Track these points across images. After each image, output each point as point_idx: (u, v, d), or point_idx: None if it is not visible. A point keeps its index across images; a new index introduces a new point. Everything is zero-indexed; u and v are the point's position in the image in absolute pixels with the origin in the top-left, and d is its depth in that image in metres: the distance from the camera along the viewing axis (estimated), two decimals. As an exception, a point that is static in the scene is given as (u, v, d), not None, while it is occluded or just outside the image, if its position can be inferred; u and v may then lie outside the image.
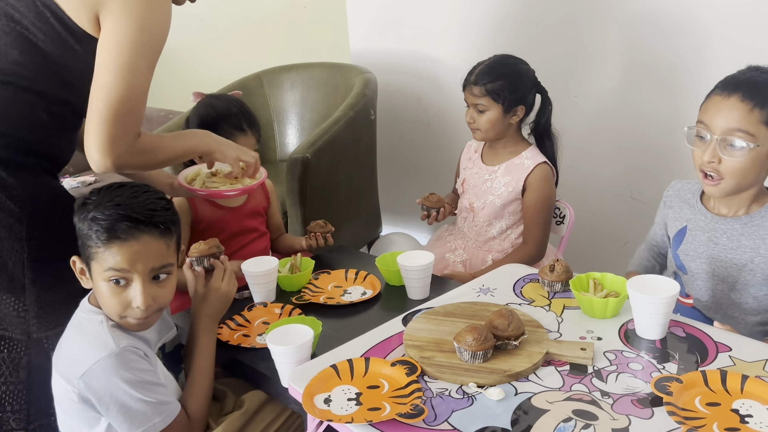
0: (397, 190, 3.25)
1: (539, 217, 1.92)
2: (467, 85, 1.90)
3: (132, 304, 1.16)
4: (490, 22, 2.75)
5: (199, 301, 1.37)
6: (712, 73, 2.22)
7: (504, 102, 1.86)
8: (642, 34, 2.36)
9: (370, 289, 1.64)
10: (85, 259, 1.18)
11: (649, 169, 2.46)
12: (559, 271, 1.44)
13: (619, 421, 1.02)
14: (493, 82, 1.85)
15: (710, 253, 1.43)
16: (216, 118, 1.80)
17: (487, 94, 1.86)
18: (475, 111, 1.89)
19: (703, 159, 1.34)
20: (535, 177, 1.91)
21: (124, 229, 1.13)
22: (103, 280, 1.15)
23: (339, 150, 2.51)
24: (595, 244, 2.65)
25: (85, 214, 1.15)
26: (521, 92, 1.89)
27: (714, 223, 1.43)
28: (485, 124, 1.89)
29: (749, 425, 0.98)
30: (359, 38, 3.28)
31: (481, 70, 1.88)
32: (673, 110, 2.35)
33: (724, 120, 1.31)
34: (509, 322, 1.19)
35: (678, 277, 1.50)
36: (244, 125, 1.80)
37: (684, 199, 1.52)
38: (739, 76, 1.34)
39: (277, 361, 1.28)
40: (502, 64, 1.90)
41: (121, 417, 1.14)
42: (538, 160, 1.92)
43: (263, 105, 3.09)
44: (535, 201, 1.91)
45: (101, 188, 1.20)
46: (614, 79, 2.47)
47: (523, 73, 1.91)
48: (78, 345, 1.18)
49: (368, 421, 1.03)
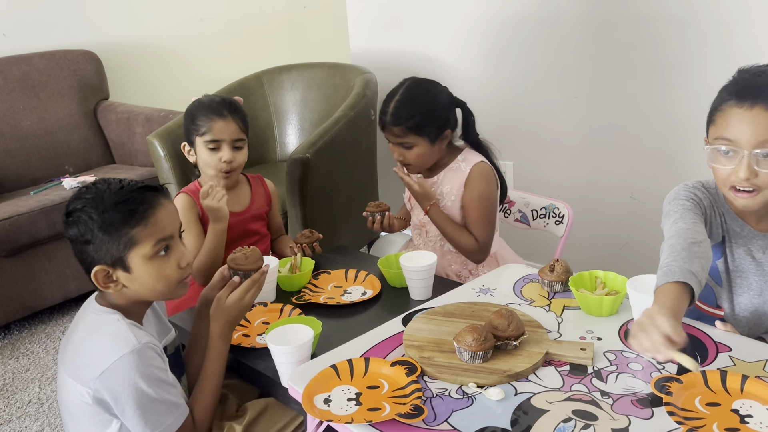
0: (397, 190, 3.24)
1: (478, 212, 1.82)
2: (386, 127, 1.79)
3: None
4: (490, 23, 2.75)
5: (223, 309, 1.32)
6: (710, 73, 2.24)
7: (429, 134, 1.77)
8: (642, 34, 2.36)
9: (370, 289, 1.64)
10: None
11: (649, 169, 2.46)
12: (559, 271, 1.44)
13: (619, 421, 1.02)
14: (412, 118, 1.75)
15: (747, 267, 1.37)
16: (198, 105, 1.82)
17: (409, 132, 1.76)
18: (400, 148, 1.80)
19: (738, 177, 1.23)
20: (471, 176, 1.81)
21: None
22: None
23: (339, 150, 2.51)
24: (595, 244, 2.65)
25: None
26: (443, 118, 1.79)
27: (751, 237, 1.36)
28: (416, 159, 1.80)
29: (749, 425, 0.98)
30: (359, 38, 3.28)
31: (394, 108, 1.77)
32: (673, 110, 2.35)
33: (755, 133, 1.20)
34: (509, 323, 1.19)
35: (708, 288, 1.43)
36: (224, 111, 1.79)
37: (722, 207, 1.40)
38: (752, 82, 1.24)
39: (277, 361, 1.28)
40: (412, 97, 1.78)
41: (137, 416, 1.13)
42: (474, 161, 1.83)
43: (263, 105, 3.09)
44: (471, 197, 1.81)
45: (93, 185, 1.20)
46: (614, 80, 2.47)
47: (438, 98, 1.80)
48: (93, 345, 1.17)
49: (368, 421, 1.03)
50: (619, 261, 2.62)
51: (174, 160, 2.50)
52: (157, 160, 2.53)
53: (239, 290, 1.32)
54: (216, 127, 1.78)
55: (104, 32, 3.22)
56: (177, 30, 3.42)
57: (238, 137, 1.81)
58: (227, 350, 1.32)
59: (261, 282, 1.35)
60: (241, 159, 1.82)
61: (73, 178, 2.80)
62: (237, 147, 1.81)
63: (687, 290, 1.12)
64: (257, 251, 1.38)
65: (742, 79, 1.26)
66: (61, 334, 2.58)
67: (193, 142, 1.82)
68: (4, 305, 2.49)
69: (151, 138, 2.52)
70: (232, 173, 1.82)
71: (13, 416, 2.08)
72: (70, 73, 3.04)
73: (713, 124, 1.27)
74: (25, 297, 2.55)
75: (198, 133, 1.79)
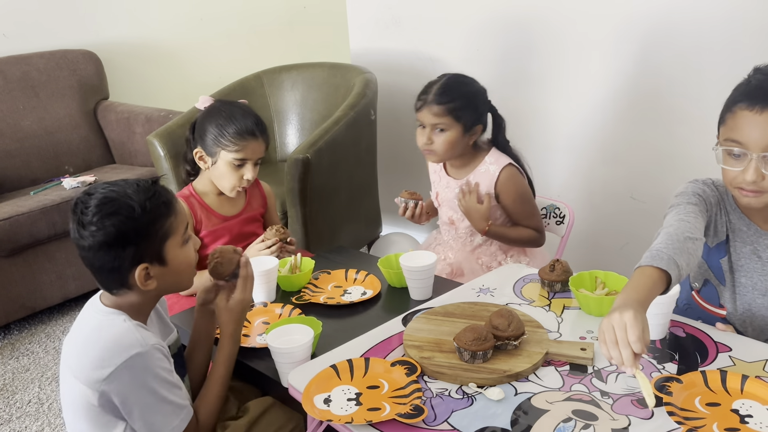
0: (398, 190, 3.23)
1: (524, 207, 1.90)
2: (424, 105, 1.82)
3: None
4: (490, 22, 2.75)
5: (227, 309, 1.33)
6: (710, 74, 2.24)
7: (465, 121, 1.81)
8: (642, 35, 2.36)
9: (370, 289, 1.64)
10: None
11: (649, 169, 2.46)
12: (559, 271, 1.44)
13: (619, 421, 1.02)
14: (453, 101, 1.79)
15: (753, 266, 1.37)
16: (229, 118, 1.75)
17: (448, 114, 1.80)
18: (432, 132, 1.83)
19: (746, 179, 1.23)
20: (503, 182, 1.87)
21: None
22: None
23: (339, 150, 2.51)
24: (595, 244, 2.65)
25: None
26: (480, 111, 1.86)
27: (757, 236, 1.37)
28: (443, 145, 1.83)
29: (749, 425, 0.98)
30: (359, 38, 3.28)
31: (438, 89, 1.82)
32: (673, 111, 2.34)
33: (764, 137, 1.21)
34: (509, 322, 1.19)
35: (711, 287, 1.44)
36: (257, 131, 1.77)
37: (730, 205, 1.41)
38: (764, 84, 1.24)
39: (277, 361, 1.28)
40: (458, 83, 1.84)
41: (144, 418, 1.13)
42: (502, 163, 1.88)
43: (263, 105, 3.09)
44: (513, 200, 1.89)
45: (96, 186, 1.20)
46: (614, 80, 2.47)
47: (480, 92, 1.87)
48: (100, 346, 1.16)
49: (368, 421, 1.03)
50: (619, 261, 2.61)
51: (174, 160, 2.49)
52: (157, 160, 2.53)
53: (237, 292, 1.33)
54: (249, 147, 1.75)
55: (104, 32, 3.22)
56: (177, 30, 3.42)
57: (262, 156, 1.80)
58: (236, 353, 1.32)
59: (251, 273, 1.35)
60: (256, 174, 1.82)
61: (73, 178, 2.80)
62: (256, 163, 1.80)
63: (665, 279, 1.13)
64: (226, 249, 1.34)
65: (755, 80, 1.25)
66: (61, 334, 2.58)
67: (214, 153, 1.77)
68: (4, 305, 2.49)
69: (151, 138, 2.52)
70: (246, 187, 1.83)
71: (13, 416, 2.08)
72: (70, 73, 3.04)
73: (724, 125, 1.28)
74: (25, 297, 2.55)
75: (226, 149, 1.74)
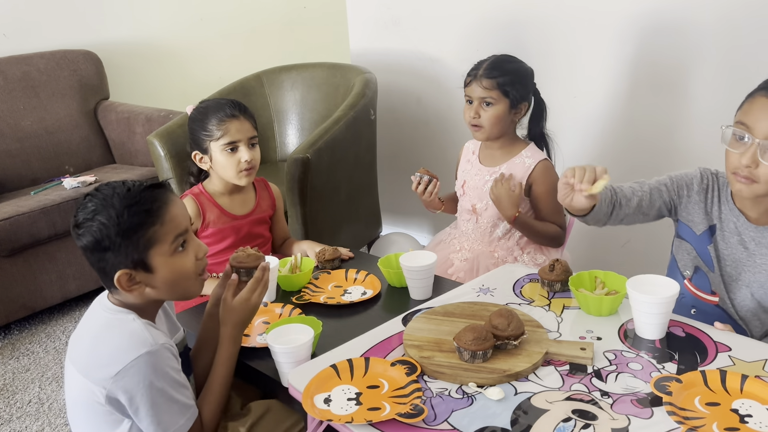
0: (397, 190, 3.25)
1: (554, 205, 1.90)
2: (475, 79, 1.89)
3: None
4: (490, 22, 2.75)
5: (230, 310, 1.32)
6: (709, 74, 2.24)
7: (513, 97, 1.87)
8: (641, 35, 2.36)
9: (370, 289, 1.64)
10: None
11: (649, 169, 2.45)
12: (559, 271, 1.44)
13: (619, 421, 1.02)
14: (503, 76, 1.86)
15: (739, 256, 1.41)
16: (205, 111, 1.79)
17: (497, 87, 1.86)
18: (480, 106, 1.89)
19: (740, 162, 1.26)
20: (539, 172, 1.92)
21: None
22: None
23: (339, 150, 2.51)
24: (595, 244, 2.65)
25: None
26: (527, 89, 1.92)
27: (745, 228, 1.39)
28: (491, 119, 1.88)
29: (749, 425, 0.98)
30: (359, 38, 3.28)
31: (489, 64, 1.89)
32: (673, 111, 2.35)
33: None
34: (509, 322, 1.19)
35: (702, 273, 1.47)
36: (236, 111, 1.78)
37: (725, 196, 1.44)
38: None
39: (277, 361, 1.28)
40: (508, 60, 1.92)
41: (150, 417, 1.13)
42: (538, 158, 1.93)
43: (263, 105, 3.09)
44: (545, 190, 1.92)
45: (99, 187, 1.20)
46: (614, 80, 2.47)
47: (528, 71, 1.94)
48: (108, 344, 1.16)
49: (368, 421, 1.03)
50: (619, 261, 2.62)
51: (174, 160, 2.49)
52: (157, 160, 2.53)
53: (245, 291, 1.31)
54: (232, 128, 1.76)
55: (104, 32, 3.22)
56: (177, 30, 3.42)
57: (253, 135, 1.80)
58: (237, 353, 1.32)
59: (265, 280, 1.35)
60: (257, 156, 1.82)
61: (74, 178, 2.80)
62: (252, 144, 1.81)
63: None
64: (259, 252, 1.38)
65: None
66: (61, 334, 2.58)
67: (207, 149, 1.79)
68: (4, 305, 2.49)
69: (152, 138, 2.52)
70: (252, 170, 1.82)
71: (13, 416, 2.08)
72: (70, 73, 3.04)
73: (740, 109, 1.31)
74: (25, 297, 2.55)
75: (213, 138, 1.76)
